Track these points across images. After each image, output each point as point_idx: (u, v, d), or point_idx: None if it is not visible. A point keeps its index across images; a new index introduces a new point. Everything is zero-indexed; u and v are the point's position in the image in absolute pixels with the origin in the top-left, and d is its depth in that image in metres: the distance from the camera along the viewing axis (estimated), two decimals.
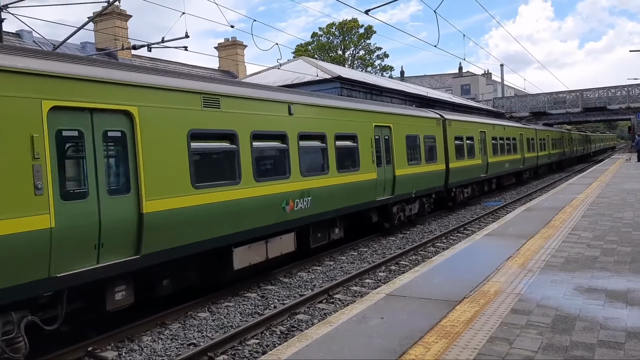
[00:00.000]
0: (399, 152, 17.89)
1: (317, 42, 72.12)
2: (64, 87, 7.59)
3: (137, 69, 9.90)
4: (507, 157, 31.72)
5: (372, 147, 16.19)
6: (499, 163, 29.65)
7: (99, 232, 7.82)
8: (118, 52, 28.12)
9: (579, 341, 5.58)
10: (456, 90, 73.40)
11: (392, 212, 17.94)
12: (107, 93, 8.20)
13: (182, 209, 9.35)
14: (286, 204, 12.11)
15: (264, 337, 9.01)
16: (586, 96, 49.37)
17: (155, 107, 9.04)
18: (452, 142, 22.84)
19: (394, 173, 17.31)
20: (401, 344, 5.72)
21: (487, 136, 27.75)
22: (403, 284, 8.30)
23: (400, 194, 17.78)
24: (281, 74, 28.89)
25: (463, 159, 23.95)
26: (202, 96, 10.12)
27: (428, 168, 20.04)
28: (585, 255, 9.76)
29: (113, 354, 8.34)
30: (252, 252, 11.42)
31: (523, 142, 35.89)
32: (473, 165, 25.29)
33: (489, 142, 28.06)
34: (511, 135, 33.11)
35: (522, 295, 7.36)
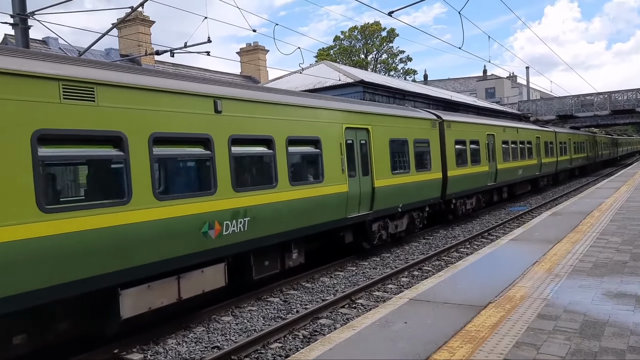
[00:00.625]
0: (379, 160, 15.23)
1: (340, 46, 72.15)
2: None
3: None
4: (521, 162, 28.83)
5: (341, 153, 13.51)
6: (510, 170, 26.87)
7: None
8: (141, 58, 28.42)
9: (609, 347, 5.45)
10: (480, 93, 72.80)
11: (370, 230, 15.09)
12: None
13: (24, 242, 6.77)
14: (209, 228, 9.48)
15: (286, 341, 8.98)
16: (614, 98, 48.54)
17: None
18: (452, 147, 20.29)
19: (372, 184, 14.72)
20: (425, 348, 5.64)
21: (496, 140, 25.04)
22: (427, 289, 8.21)
23: (380, 208, 15.13)
24: (303, 78, 28.94)
25: (465, 165, 21.32)
26: (61, 84, 7.45)
27: (419, 177, 17.40)
28: (614, 260, 9.57)
29: (138, 356, 8.38)
30: (153, 294, 8.65)
31: (540, 146, 33.17)
32: (478, 172, 22.58)
33: (499, 147, 25.38)
34: (526, 138, 30.32)
35: (549, 300, 7.23)
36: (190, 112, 9.42)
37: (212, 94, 9.93)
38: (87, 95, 7.76)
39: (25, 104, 6.99)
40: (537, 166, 32.19)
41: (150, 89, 8.75)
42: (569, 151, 42.19)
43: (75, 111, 7.56)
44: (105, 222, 7.71)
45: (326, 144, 12.96)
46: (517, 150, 28.32)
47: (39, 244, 6.85)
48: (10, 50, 7.49)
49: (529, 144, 30.52)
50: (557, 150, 37.75)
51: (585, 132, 54.15)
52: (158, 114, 8.81)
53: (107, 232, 7.73)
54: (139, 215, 8.23)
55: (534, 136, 32.04)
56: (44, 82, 7.24)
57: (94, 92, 7.83)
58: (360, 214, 14.25)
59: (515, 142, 28.01)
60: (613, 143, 77.68)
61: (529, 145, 30.64)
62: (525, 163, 29.48)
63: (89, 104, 7.77)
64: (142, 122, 8.51)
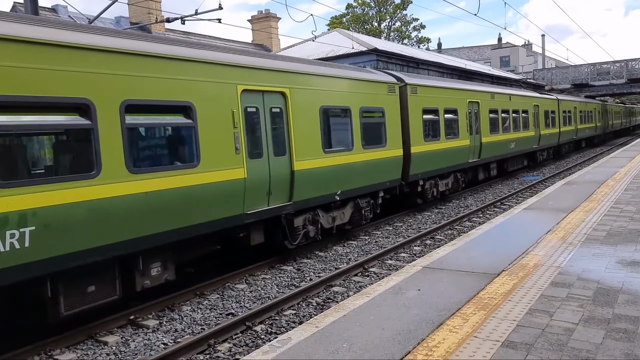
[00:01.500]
0: (303, 134, 11.67)
1: (352, 14, 71.29)
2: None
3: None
4: (514, 135, 25.24)
5: (235, 126, 9.85)
6: (499, 143, 23.33)
7: None
8: (152, 25, 28.28)
9: (622, 314, 5.48)
10: (495, 62, 71.86)
11: (293, 227, 11.84)
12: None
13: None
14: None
15: (300, 308, 9.10)
16: (631, 66, 47.71)
17: None
18: (418, 117, 16.77)
19: (291, 167, 11.30)
20: (439, 315, 5.71)
21: (481, 108, 21.46)
22: (440, 257, 8.26)
23: (305, 198, 11.69)
24: (316, 46, 28.69)
25: (437, 139, 17.87)
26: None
27: (366, 156, 13.85)
28: (629, 228, 9.55)
29: (154, 322, 8.54)
30: None
31: (539, 115, 29.66)
32: (455, 147, 19.15)
33: (485, 117, 21.86)
34: (521, 107, 26.75)
35: (563, 268, 7.25)
36: None
37: None
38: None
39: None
40: (534, 138, 28.99)
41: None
42: (575, 121, 38.86)
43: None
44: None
45: (205, 113, 9.30)
46: (510, 121, 24.93)
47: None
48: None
49: (524, 114, 27.33)
50: (560, 120, 34.38)
51: (594, 100, 50.72)
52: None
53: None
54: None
55: (530, 104, 28.63)
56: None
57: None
58: (272, 206, 10.83)
59: (507, 111, 24.58)
60: (627, 112, 74.60)
61: (525, 114, 27.47)
62: (519, 135, 26.15)
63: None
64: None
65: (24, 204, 6.59)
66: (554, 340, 4.92)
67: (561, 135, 34.53)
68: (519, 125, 26.23)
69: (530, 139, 28.09)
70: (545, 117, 30.90)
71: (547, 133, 31.01)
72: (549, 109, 31.85)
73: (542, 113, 30.16)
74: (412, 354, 4.78)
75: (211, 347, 7.52)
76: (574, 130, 38.59)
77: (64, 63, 7.20)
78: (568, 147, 39.26)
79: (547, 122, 31.11)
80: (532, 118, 28.47)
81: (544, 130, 30.53)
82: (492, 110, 22.80)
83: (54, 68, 7.08)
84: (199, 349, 7.44)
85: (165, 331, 8.23)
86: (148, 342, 7.82)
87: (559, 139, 34.23)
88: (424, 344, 4.97)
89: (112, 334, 8.16)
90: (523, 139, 26.74)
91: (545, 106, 31.08)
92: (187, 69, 9.02)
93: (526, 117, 27.41)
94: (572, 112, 37.98)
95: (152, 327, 8.36)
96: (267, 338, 7.82)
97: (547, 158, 32.78)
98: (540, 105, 30.15)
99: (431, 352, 4.79)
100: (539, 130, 29.57)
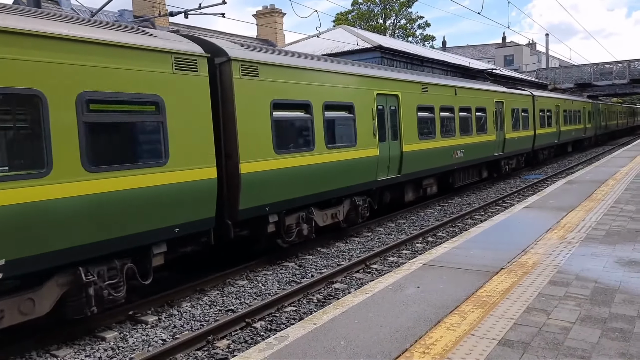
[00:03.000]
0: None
1: (358, 11, 71.26)
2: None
3: None
4: (462, 140, 19.51)
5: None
6: (436, 152, 17.53)
7: None
8: (155, 19, 28.28)
9: (619, 313, 5.50)
10: (499, 61, 71.77)
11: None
12: None
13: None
14: None
15: (301, 305, 9.12)
16: (633, 67, 47.70)
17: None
18: (261, 117, 10.51)
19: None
20: (437, 312, 5.73)
21: (401, 105, 15.53)
22: (440, 254, 8.29)
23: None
24: (321, 42, 28.71)
25: (309, 150, 11.73)
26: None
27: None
28: (628, 228, 9.56)
29: (153, 318, 8.56)
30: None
31: (503, 114, 23.85)
32: (352, 161, 13.07)
33: (409, 116, 15.94)
34: (474, 103, 20.73)
35: (561, 267, 7.27)
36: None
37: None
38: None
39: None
40: (495, 144, 22.94)
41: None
42: (557, 122, 32.76)
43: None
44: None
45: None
46: (454, 122, 19.06)
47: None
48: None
49: (481, 112, 21.48)
50: (536, 121, 28.49)
51: (584, 99, 44.78)
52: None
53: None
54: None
55: (490, 101, 22.55)
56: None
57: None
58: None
59: (450, 109, 18.86)
60: (626, 112, 69.82)
61: (482, 114, 21.54)
62: (470, 140, 20.27)
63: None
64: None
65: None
66: (550, 339, 4.94)
67: (537, 138, 28.62)
68: (470, 128, 20.26)
69: (489, 145, 22.17)
70: (514, 117, 25.26)
71: (515, 137, 25.17)
72: (520, 107, 26.25)
73: (508, 112, 24.46)
74: (409, 351, 4.81)
75: (210, 343, 7.54)
76: (556, 132, 32.71)
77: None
78: (548, 153, 32.83)
79: (515, 123, 25.37)
80: (494, 118, 22.68)
81: (512, 133, 24.72)
82: (423, 107, 16.91)
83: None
84: (197, 345, 7.46)
85: (164, 327, 8.26)
86: (146, 338, 7.84)
87: (534, 144, 28.41)
88: (421, 342, 5.00)
89: (110, 329, 8.19)
90: (477, 146, 20.87)
91: (513, 103, 25.33)
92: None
93: (482, 118, 21.59)
94: (554, 112, 32.29)
95: (150, 323, 8.38)
96: (266, 335, 7.83)
97: (516, 167, 27.18)
98: (506, 102, 24.30)
99: (428, 350, 4.81)
100: (503, 134, 23.73)
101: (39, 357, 7.30)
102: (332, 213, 13.12)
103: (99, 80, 7.59)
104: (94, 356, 7.30)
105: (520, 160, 27.59)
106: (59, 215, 7.01)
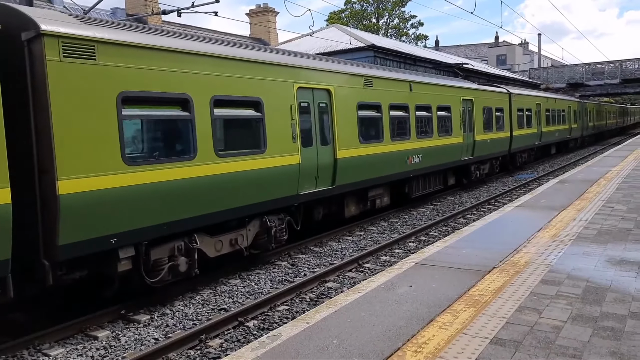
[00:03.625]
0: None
1: (351, 10, 71.34)
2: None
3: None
4: (420, 143, 16.85)
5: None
6: (385, 157, 15.02)
7: None
8: (148, 17, 28.18)
9: (610, 312, 5.53)
10: (492, 60, 71.98)
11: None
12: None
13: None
14: None
15: (293, 304, 9.13)
16: (625, 67, 47.94)
17: None
18: (97, 115, 7.70)
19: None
20: (429, 311, 5.75)
21: (334, 103, 12.85)
22: (432, 254, 8.31)
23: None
24: (314, 41, 28.72)
25: (188, 158, 9.05)
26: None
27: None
28: (619, 227, 9.62)
29: (145, 317, 8.54)
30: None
31: (473, 114, 21.09)
32: (250, 173, 10.28)
33: (344, 116, 13.26)
34: (434, 101, 17.93)
35: (553, 266, 7.30)
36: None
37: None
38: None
39: None
40: (463, 147, 20.20)
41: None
42: (538, 122, 30.05)
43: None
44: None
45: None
46: (409, 123, 16.32)
47: None
48: None
49: (444, 112, 18.78)
50: (513, 121, 25.73)
51: (570, 97, 42.52)
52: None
53: None
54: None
55: (456, 99, 19.70)
56: None
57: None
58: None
59: (403, 107, 16.21)
60: (619, 112, 68.52)
61: (445, 113, 18.85)
62: (430, 143, 17.61)
63: None
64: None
65: None
66: (542, 337, 4.97)
67: (514, 141, 25.95)
68: (430, 129, 17.67)
69: (454, 149, 19.49)
70: (486, 117, 22.56)
71: (487, 139, 22.49)
72: (493, 106, 23.49)
73: (479, 111, 21.76)
74: (402, 350, 4.82)
75: (202, 342, 7.54)
76: (536, 134, 29.98)
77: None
78: (528, 156, 30.21)
79: (488, 124, 22.70)
80: (460, 118, 19.88)
81: (483, 134, 22.03)
82: (365, 104, 14.27)
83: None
84: (190, 345, 7.45)
85: (157, 326, 8.24)
86: (139, 337, 7.82)
87: (511, 146, 25.65)
88: (413, 341, 5.01)
89: (102, 328, 8.15)
90: (440, 149, 18.23)
91: (485, 101, 22.57)
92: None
93: (445, 117, 18.77)
94: (535, 111, 29.59)
95: (143, 322, 8.37)
96: (259, 334, 7.83)
97: (490, 173, 24.48)
98: (476, 101, 21.51)
99: (420, 349, 4.83)
100: (473, 136, 21.05)
101: (30, 357, 7.27)
102: (232, 239, 10.33)
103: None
104: (86, 355, 7.28)
105: (495, 164, 25.00)
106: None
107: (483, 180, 23.91)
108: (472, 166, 21.80)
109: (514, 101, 26.08)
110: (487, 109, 22.57)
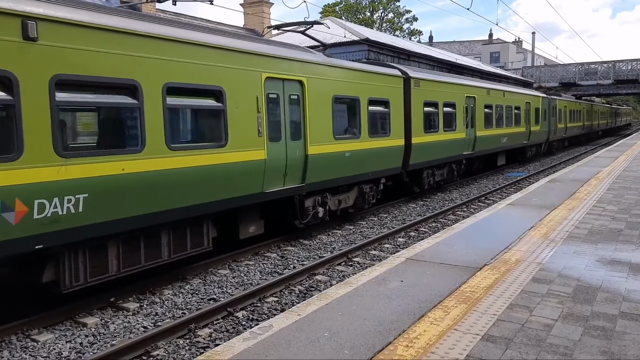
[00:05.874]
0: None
1: (345, 3, 71.13)
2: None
3: None
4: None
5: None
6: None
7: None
8: (142, 5, 27.94)
9: (600, 312, 5.54)
10: (485, 57, 72.04)
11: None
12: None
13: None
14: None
15: (282, 296, 9.11)
16: (618, 68, 48.08)
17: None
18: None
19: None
20: (420, 306, 5.74)
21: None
22: (423, 249, 8.30)
23: None
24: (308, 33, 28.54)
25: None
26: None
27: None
28: (610, 227, 9.65)
29: (135, 305, 8.50)
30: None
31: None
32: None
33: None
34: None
35: (544, 264, 7.32)
36: None
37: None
38: None
39: None
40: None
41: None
42: (467, 124, 21.16)
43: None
44: None
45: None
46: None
47: None
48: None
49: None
50: (414, 122, 16.91)
51: (532, 91, 34.97)
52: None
53: None
54: None
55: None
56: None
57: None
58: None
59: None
60: (609, 113, 65.48)
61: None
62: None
63: None
64: None
65: None
66: (532, 335, 4.97)
67: (414, 152, 17.02)
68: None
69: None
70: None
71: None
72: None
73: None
74: (393, 344, 4.81)
75: (191, 331, 7.50)
76: (465, 140, 21.05)
77: None
78: (448, 172, 20.67)
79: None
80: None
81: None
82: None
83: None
84: (179, 333, 7.42)
85: (146, 314, 8.20)
86: (128, 325, 7.79)
87: (408, 161, 16.86)
88: (404, 335, 5.00)
89: (91, 315, 8.11)
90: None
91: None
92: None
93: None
94: (460, 107, 20.46)
95: (132, 310, 8.32)
96: (248, 324, 7.82)
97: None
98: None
99: (411, 344, 4.82)
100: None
101: (19, 342, 7.21)
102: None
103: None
104: (75, 342, 7.23)
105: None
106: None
107: (473, 178, 23.94)
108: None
109: (415, 91, 17.15)
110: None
